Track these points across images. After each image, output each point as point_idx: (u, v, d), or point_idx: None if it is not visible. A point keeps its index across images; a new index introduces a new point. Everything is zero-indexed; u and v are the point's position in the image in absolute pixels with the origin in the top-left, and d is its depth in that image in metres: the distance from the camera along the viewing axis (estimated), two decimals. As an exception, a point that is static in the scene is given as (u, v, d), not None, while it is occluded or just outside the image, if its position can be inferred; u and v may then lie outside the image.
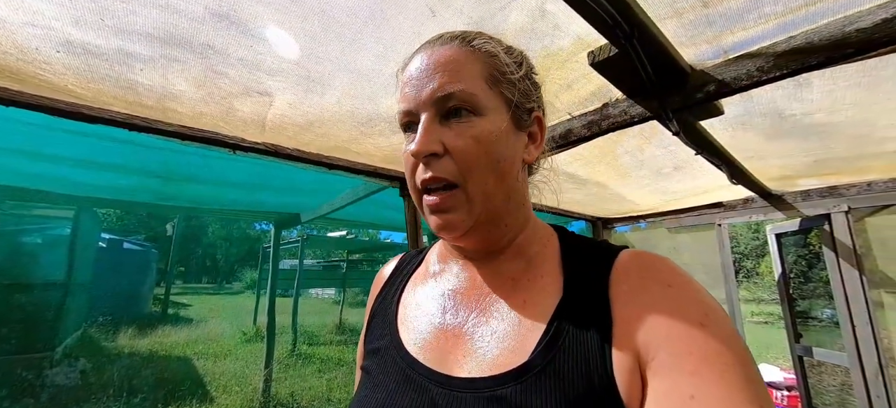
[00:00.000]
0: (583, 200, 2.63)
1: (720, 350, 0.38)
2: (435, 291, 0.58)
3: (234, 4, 0.70)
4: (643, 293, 0.44)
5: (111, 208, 12.64)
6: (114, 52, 0.82)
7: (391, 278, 0.67)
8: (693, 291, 0.43)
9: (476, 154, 0.47)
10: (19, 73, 0.93)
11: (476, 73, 0.49)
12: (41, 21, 0.72)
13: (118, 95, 1.05)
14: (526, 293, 0.51)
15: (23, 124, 1.95)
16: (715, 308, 0.41)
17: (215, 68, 0.90)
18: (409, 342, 0.54)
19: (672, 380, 0.37)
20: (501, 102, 0.51)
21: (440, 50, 0.50)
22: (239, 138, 1.39)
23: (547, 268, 0.52)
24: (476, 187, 0.48)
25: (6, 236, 4.47)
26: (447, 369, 0.48)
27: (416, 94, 0.49)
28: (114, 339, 7.60)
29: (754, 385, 0.36)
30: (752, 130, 1.38)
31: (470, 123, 0.48)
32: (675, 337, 0.39)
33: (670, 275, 0.45)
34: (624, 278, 0.46)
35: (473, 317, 0.52)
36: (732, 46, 0.86)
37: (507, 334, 0.48)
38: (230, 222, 28.80)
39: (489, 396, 0.43)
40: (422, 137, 0.48)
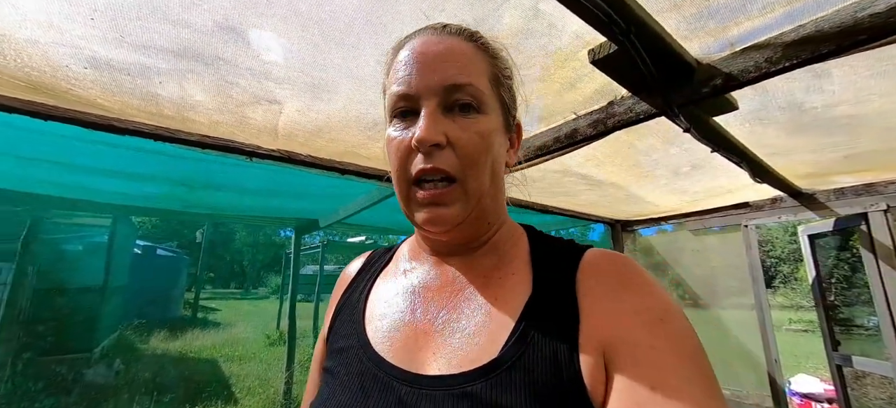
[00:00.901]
0: (599, 201, 2.57)
1: (679, 346, 0.40)
2: (404, 289, 0.57)
3: (239, 17, 0.73)
4: (608, 290, 0.45)
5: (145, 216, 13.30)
6: (135, 66, 0.88)
7: (358, 276, 0.65)
8: (654, 289, 0.45)
9: (478, 151, 0.47)
10: (53, 88, 1.00)
11: (483, 70, 0.50)
12: (68, 40, 0.78)
13: (142, 107, 1.12)
14: (496, 290, 0.51)
15: (61, 137, 2.10)
16: (674, 306, 0.44)
17: (227, 78, 0.95)
18: (376, 341, 0.52)
19: (635, 372, 0.39)
20: (498, 104, 0.52)
21: (447, 39, 0.50)
22: (255, 146, 1.45)
23: (517, 266, 0.53)
24: (473, 184, 0.48)
25: (50, 244, 4.80)
26: (415, 368, 0.47)
27: (419, 78, 0.47)
28: (147, 340, 7.97)
29: (710, 379, 0.39)
30: (772, 125, 1.32)
31: (475, 119, 0.48)
32: (638, 331, 0.41)
33: (633, 274, 0.47)
34: (590, 276, 0.47)
35: (444, 314, 0.51)
36: (739, 38, 0.84)
37: (477, 330, 0.48)
38: (256, 229, 29.74)
39: (459, 392, 0.43)
40: (428, 125, 0.46)
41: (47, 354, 4.66)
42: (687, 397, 0.36)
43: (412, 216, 0.51)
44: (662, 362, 0.39)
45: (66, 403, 4.07)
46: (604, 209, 2.87)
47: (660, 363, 0.39)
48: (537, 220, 4.35)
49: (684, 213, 2.90)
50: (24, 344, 4.12)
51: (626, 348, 0.40)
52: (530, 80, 1.02)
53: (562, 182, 2.02)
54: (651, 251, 3.48)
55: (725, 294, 3.06)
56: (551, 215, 2.79)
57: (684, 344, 0.40)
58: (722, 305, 3.09)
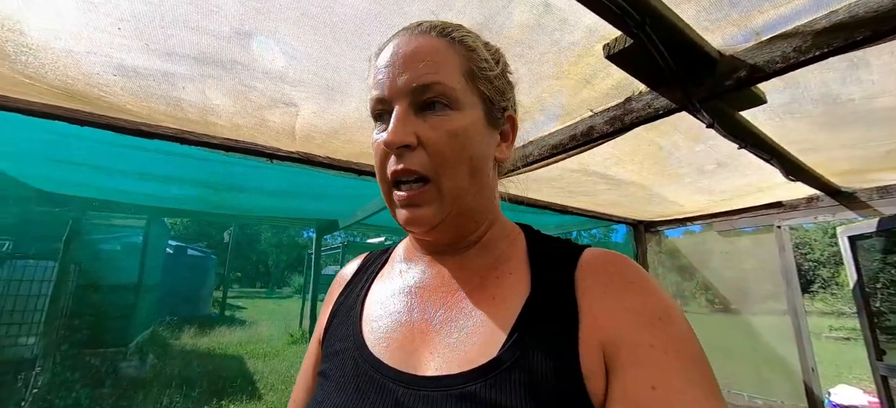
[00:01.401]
0: (620, 201, 2.51)
1: (679, 346, 0.40)
2: (401, 290, 0.56)
3: (253, 22, 0.76)
4: (608, 290, 0.45)
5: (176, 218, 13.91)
6: (159, 72, 0.92)
7: (355, 279, 0.64)
8: (654, 289, 0.45)
9: (451, 149, 0.47)
10: (87, 95, 1.06)
11: (454, 66, 0.48)
12: (98, 49, 0.82)
13: (167, 112, 1.17)
14: (494, 289, 0.50)
15: (97, 142, 2.22)
16: (674, 306, 0.44)
17: (244, 82, 0.98)
18: (372, 343, 0.51)
19: (635, 372, 0.39)
20: (477, 98, 0.50)
21: (418, 39, 0.49)
22: (274, 148, 1.49)
23: (514, 265, 0.52)
24: (448, 183, 0.47)
25: (89, 243, 5.10)
26: (412, 369, 0.47)
27: (390, 81, 0.48)
28: (178, 337, 8.33)
29: (710, 379, 0.39)
30: (804, 119, 1.25)
31: (446, 116, 0.47)
32: (638, 330, 0.41)
33: (632, 273, 0.46)
34: (589, 275, 0.47)
35: (441, 314, 0.51)
36: (764, 27, 0.79)
37: (476, 330, 0.47)
38: (280, 230, 30.57)
39: (458, 393, 0.42)
40: (395, 127, 0.46)
41: (86, 347, 4.95)
42: (689, 398, 0.36)
43: (395, 217, 0.51)
44: (663, 363, 0.38)
45: (101, 394, 4.31)
46: (625, 209, 2.79)
47: (661, 363, 0.38)
48: (556, 220, 4.27)
49: (712, 213, 2.78)
50: (65, 337, 4.40)
51: (626, 348, 0.40)
52: (544, 77, 1.01)
53: (581, 181, 1.98)
54: (677, 254, 3.35)
55: (757, 299, 2.91)
56: (571, 216, 2.74)
57: (685, 345, 0.40)
58: (753, 310, 2.94)
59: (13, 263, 4.19)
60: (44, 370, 3.78)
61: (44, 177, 2.93)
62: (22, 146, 2.23)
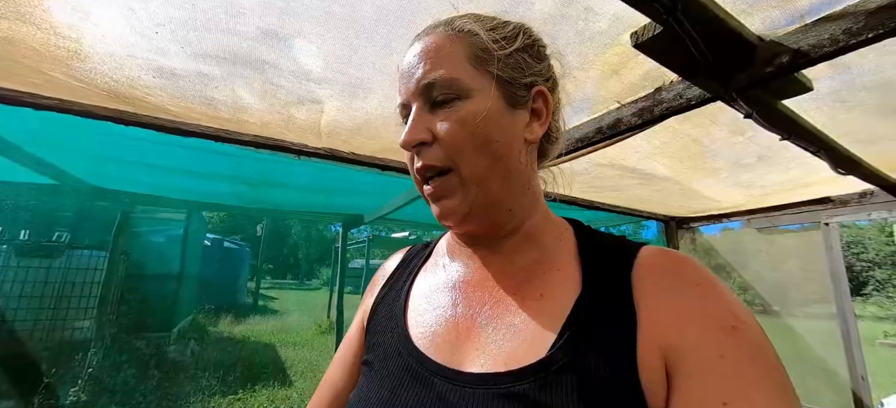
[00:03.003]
0: (650, 196, 2.41)
1: (753, 356, 0.36)
2: (445, 284, 0.56)
3: (279, 22, 0.78)
4: (670, 292, 0.42)
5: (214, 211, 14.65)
6: (193, 73, 0.97)
7: (397, 273, 0.64)
8: (722, 292, 0.41)
9: (462, 137, 0.46)
10: (130, 98, 1.13)
11: (459, 55, 0.48)
12: (138, 53, 0.88)
13: (203, 111, 1.23)
14: (542, 286, 0.48)
15: (142, 141, 2.37)
16: (745, 312, 0.40)
17: (271, 81, 1.01)
18: (416, 336, 0.51)
19: (703, 384, 0.36)
20: (489, 82, 0.48)
21: (426, 39, 0.51)
22: (302, 144, 1.53)
23: (563, 260, 0.50)
24: (468, 170, 0.47)
25: (136, 235, 5.48)
26: (457, 365, 0.46)
27: (406, 85, 0.50)
28: (216, 324, 8.81)
29: (789, 394, 0.35)
30: (857, 108, 1.15)
31: (454, 107, 0.47)
32: (707, 340, 0.38)
33: (697, 274, 0.43)
34: (648, 275, 0.44)
35: (486, 309, 0.49)
36: (810, 9, 0.74)
37: (523, 327, 0.45)
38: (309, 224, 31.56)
39: (505, 392, 0.40)
40: (409, 128, 0.48)
41: (133, 331, 5.34)
42: None
43: (432, 212, 0.52)
44: (735, 375, 0.35)
45: (148, 375, 4.64)
46: (656, 205, 2.68)
47: (732, 375, 0.35)
48: (582, 216, 4.17)
49: (750, 209, 2.62)
50: (115, 321, 4.76)
51: (691, 357, 0.37)
52: (569, 69, 0.98)
53: (609, 176, 1.92)
54: (712, 252, 3.19)
55: (802, 301, 2.73)
56: (599, 212, 2.66)
57: (760, 355, 0.37)
58: (797, 313, 2.76)
59: (71, 253, 4.57)
60: (97, 352, 4.12)
61: (96, 173, 3.16)
62: (78, 145, 2.42)
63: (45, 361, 3.86)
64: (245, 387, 4.90)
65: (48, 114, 1.19)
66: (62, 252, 4.45)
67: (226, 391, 4.69)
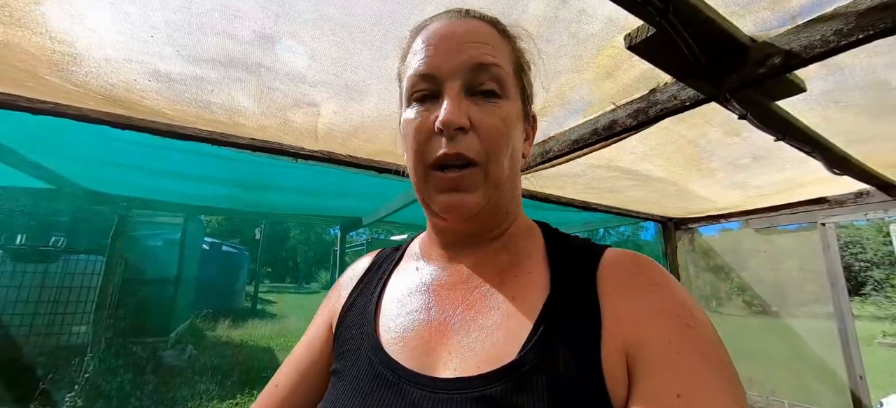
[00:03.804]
0: (646, 197, 2.42)
1: (706, 352, 0.39)
2: (418, 287, 0.55)
3: (274, 25, 0.78)
4: (632, 292, 0.44)
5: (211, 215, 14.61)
6: (189, 77, 0.97)
7: (366, 276, 0.62)
8: (679, 292, 0.44)
9: (501, 135, 0.46)
10: (126, 101, 1.13)
11: (506, 55, 0.49)
12: (135, 57, 0.88)
13: (199, 114, 1.23)
14: (513, 288, 0.49)
15: (138, 144, 2.37)
16: (700, 310, 0.43)
17: (268, 84, 1.01)
18: (387, 342, 0.50)
19: (659, 378, 0.37)
20: (519, 92, 0.51)
21: (473, 22, 0.49)
22: (299, 147, 1.53)
23: (533, 263, 0.51)
24: (495, 169, 0.47)
25: (132, 239, 5.46)
26: (430, 370, 0.45)
27: (442, 59, 0.46)
28: (213, 328, 8.77)
29: (737, 388, 0.37)
30: (850, 108, 1.16)
31: (499, 103, 0.47)
32: (664, 338, 0.40)
33: (656, 275, 0.45)
34: (612, 277, 0.46)
35: (459, 312, 0.49)
36: (801, 10, 0.74)
37: (495, 330, 0.45)
38: (307, 227, 31.48)
39: (478, 396, 0.40)
40: (453, 108, 0.44)
41: (130, 336, 5.32)
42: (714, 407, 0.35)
43: (430, 202, 0.49)
44: (689, 369, 0.37)
45: (144, 380, 4.62)
46: (653, 206, 2.69)
47: (686, 370, 0.37)
48: (581, 218, 4.17)
49: (747, 210, 2.63)
50: (111, 326, 4.75)
51: (650, 352, 0.39)
52: (563, 71, 0.99)
53: (605, 178, 1.93)
54: (711, 253, 3.19)
55: (800, 301, 2.74)
56: (595, 213, 2.67)
57: (712, 351, 0.39)
58: (795, 313, 2.77)
59: (67, 258, 4.55)
60: (94, 357, 4.09)
61: (93, 177, 3.15)
62: (73, 149, 2.41)
63: (42, 366, 3.84)
64: (243, 391, 4.88)
65: (44, 118, 1.19)
66: (58, 257, 4.43)
67: (224, 396, 4.67)
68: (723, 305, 3.21)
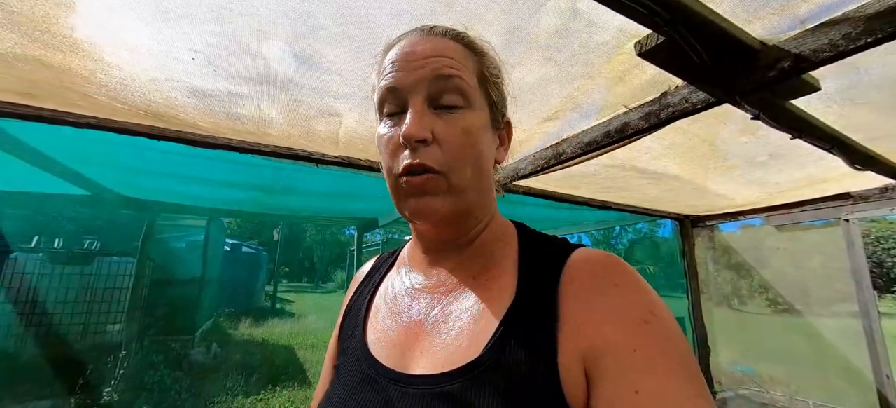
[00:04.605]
0: (662, 195, 2.41)
1: (664, 347, 0.39)
2: (402, 290, 0.59)
3: (305, 45, 0.84)
4: (591, 293, 0.44)
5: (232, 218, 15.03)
6: (224, 93, 1.05)
7: (367, 279, 0.68)
8: (639, 289, 0.44)
9: (463, 146, 0.48)
10: (164, 115, 1.22)
11: (469, 67, 0.51)
12: (176, 77, 0.96)
13: (229, 125, 1.31)
14: (483, 292, 0.51)
15: (166, 153, 2.50)
16: (660, 306, 0.43)
17: (295, 97, 1.08)
18: (372, 342, 0.54)
19: (617, 376, 0.38)
20: (485, 101, 0.53)
21: (436, 39, 0.52)
22: (320, 153, 1.61)
23: (505, 267, 0.53)
24: (458, 179, 0.49)
25: (160, 242, 5.70)
26: (404, 367, 0.49)
27: (405, 74, 0.49)
28: (236, 326, 9.05)
29: (697, 380, 0.38)
30: (868, 106, 1.15)
31: (461, 114, 0.49)
32: (620, 334, 0.40)
33: (617, 274, 0.45)
34: (574, 279, 0.46)
35: (434, 314, 0.53)
36: (809, 15, 0.76)
37: (462, 331, 0.48)
38: (323, 228, 31.97)
39: (438, 392, 0.43)
40: (415, 121, 0.47)
41: (160, 334, 5.56)
42: (673, 400, 0.36)
43: (402, 209, 0.52)
44: (646, 366, 0.37)
45: (176, 376, 4.84)
46: (669, 204, 2.67)
47: (643, 367, 0.37)
48: (596, 216, 4.15)
49: (767, 206, 2.59)
50: (143, 325, 4.98)
51: (608, 353, 0.39)
52: (575, 77, 1.02)
53: (619, 177, 1.94)
54: (730, 250, 3.14)
55: (824, 299, 2.68)
56: (611, 211, 2.67)
57: (670, 345, 0.39)
58: (819, 311, 2.71)
59: (101, 260, 4.79)
60: (128, 354, 4.32)
61: (125, 183, 3.33)
62: (109, 158, 2.56)
63: (82, 362, 4.07)
64: (266, 388, 5.04)
65: (85, 130, 1.29)
66: (93, 259, 4.67)
67: (249, 392, 4.84)
68: (745, 303, 3.16)
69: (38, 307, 4.26)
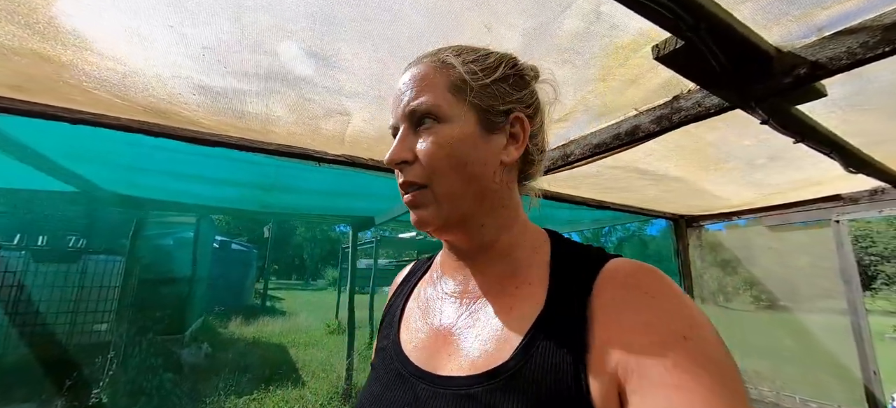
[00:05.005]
0: (661, 196, 2.44)
1: (704, 364, 0.37)
2: (434, 295, 0.62)
3: (321, 43, 0.82)
4: (624, 305, 0.44)
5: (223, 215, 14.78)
6: (231, 90, 1.02)
7: (403, 283, 0.72)
8: (677, 302, 0.42)
9: (437, 157, 0.51)
10: (166, 112, 1.18)
11: (441, 84, 0.53)
12: (183, 73, 0.93)
13: (233, 123, 1.28)
14: (512, 300, 0.52)
15: (158, 149, 2.44)
16: (700, 321, 0.41)
17: (305, 95, 1.06)
18: (405, 342, 0.58)
19: (653, 395, 0.37)
20: (468, 109, 0.53)
21: (414, 68, 0.56)
22: (323, 152, 1.58)
23: (534, 275, 0.53)
24: (441, 188, 0.52)
25: (149, 240, 5.57)
26: (432, 368, 0.52)
27: (394, 109, 0.56)
28: (226, 325, 8.91)
29: (739, 399, 0.36)
30: (871, 112, 1.18)
31: (433, 129, 0.52)
32: (657, 350, 0.39)
33: (653, 285, 0.44)
34: (606, 291, 0.46)
35: (462, 319, 0.55)
36: (827, 23, 0.77)
37: (489, 337, 0.50)
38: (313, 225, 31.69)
39: (463, 393, 0.46)
40: (394, 148, 0.54)
41: (149, 334, 5.43)
42: None
43: None
44: (684, 384, 0.36)
45: (168, 377, 4.74)
46: (667, 204, 2.71)
47: (681, 384, 0.36)
48: (591, 215, 4.19)
49: (761, 207, 2.64)
50: (132, 325, 4.86)
51: (642, 368, 0.38)
52: (589, 80, 1.02)
53: (620, 177, 1.95)
54: (719, 248, 3.21)
55: (811, 297, 2.75)
56: (607, 211, 2.69)
57: (711, 362, 0.37)
58: (806, 309, 2.78)
59: (87, 258, 4.67)
60: (117, 355, 4.21)
61: (115, 180, 3.24)
62: (99, 154, 2.48)
63: (69, 362, 3.96)
64: (259, 387, 4.98)
65: (75, 126, 1.24)
66: (79, 257, 4.54)
67: (241, 392, 4.77)
68: (730, 299, 3.23)
69: (21, 306, 4.13)
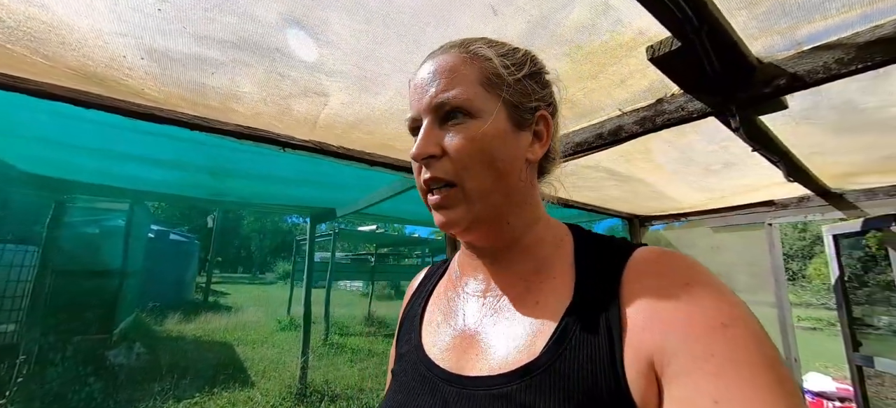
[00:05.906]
0: (622, 196, 2.56)
1: (746, 351, 0.36)
2: (455, 296, 0.61)
3: (305, 9, 0.73)
4: (658, 293, 0.42)
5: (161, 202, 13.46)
6: (191, 57, 0.88)
7: (420, 287, 0.71)
8: (714, 289, 0.41)
9: (470, 153, 0.49)
10: (104, 78, 1.01)
11: (472, 77, 0.51)
12: (132, 31, 0.78)
13: (187, 97, 1.12)
14: (537, 294, 0.51)
15: (93, 124, 2.12)
16: (740, 307, 0.39)
17: (279, 70, 0.94)
18: (429, 346, 0.57)
19: (693, 384, 0.35)
20: (498, 104, 0.51)
21: (440, 58, 0.53)
22: (289, 137, 1.45)
23: (559, 269, 0.52)
24: (472, 185, 0.50)
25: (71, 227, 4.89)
26: (460, 370, 0.50)
27: (418, 101, 0.53)
28: (162, 323, 8.15)
29: (784, 387, 0.34)
30: (819, 124, 1.29)
31: (464, 124, 0.49)
32: (695, 339, 0.37)
33: (688, 273, 0.43)
34: (637, 278, 0.45)
35: (488, 318, 0.53)
36: (807, 38, 0.81)
37: (518, 334, 0.49)
38: (264, 215, 29.99)
39: (496, 393, 0.44)
40: (420, 141, 0.51)
41: (69, 333, 4.79)
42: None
43: (435, 221, 0.55)
44: (726, 373, 0.35)
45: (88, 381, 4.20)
46: (626, 204, 2.85)
47: (722, 372, 0.35)
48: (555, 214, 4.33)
49: (707, 210, 2.87)
50: (48, 324, 4.25)
51: (680, 357, 0.37)
52: (583, 77, 1.01)
53: (591, 177, 2.01)
54: (669, 247, 3.45)
55: (745, 291, 3.04)
56: (570, 209, 2.78)
57: (753, 350, 0.36)
58: (740, 303, 3.07)
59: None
60: (28, 358, 3.65)
61: (28, 157, 2.78)
62: (9, 125, 2.11)
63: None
64: (202, 390, 4.58)
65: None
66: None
67: (180, 395, 4.35)
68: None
69: None
